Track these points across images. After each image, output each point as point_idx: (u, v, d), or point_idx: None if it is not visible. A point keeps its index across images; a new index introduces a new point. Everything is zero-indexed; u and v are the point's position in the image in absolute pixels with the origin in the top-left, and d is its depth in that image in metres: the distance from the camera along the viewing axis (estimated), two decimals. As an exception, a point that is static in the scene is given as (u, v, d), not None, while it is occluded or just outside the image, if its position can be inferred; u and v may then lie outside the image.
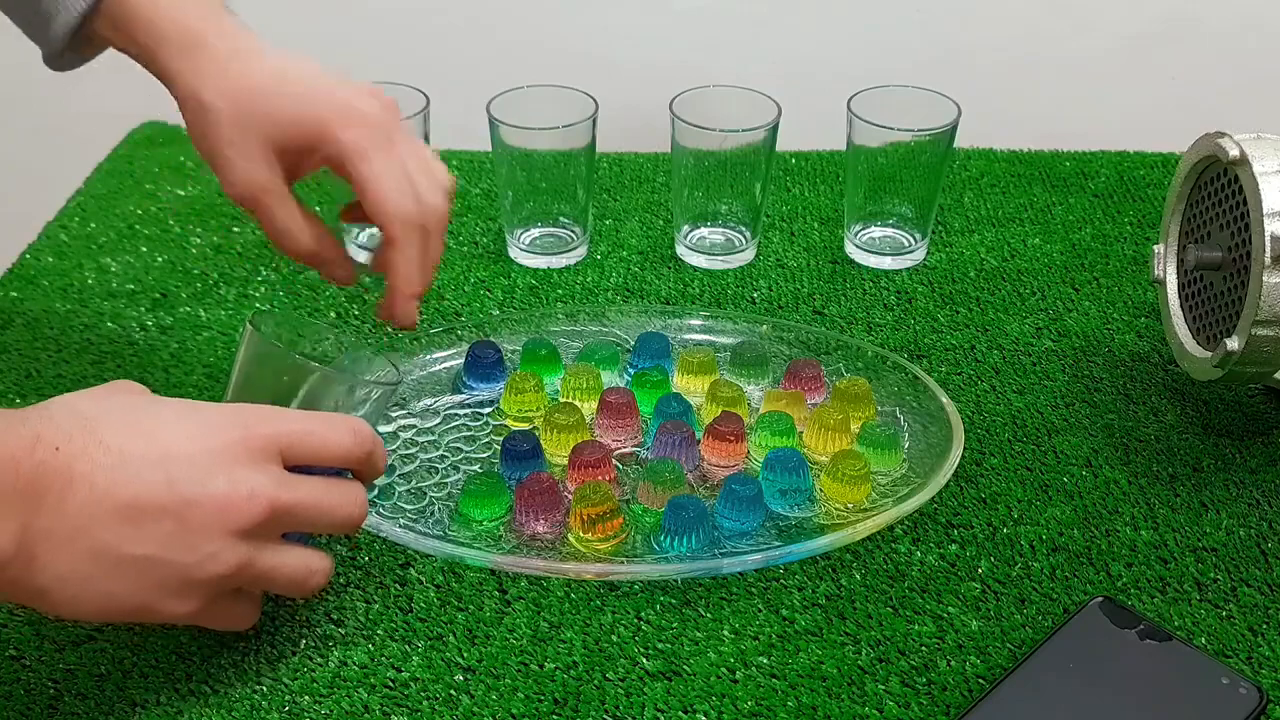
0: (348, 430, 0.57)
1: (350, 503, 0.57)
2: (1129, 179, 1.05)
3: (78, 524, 0.51)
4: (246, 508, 0.53)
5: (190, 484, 0.52)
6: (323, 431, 0.56)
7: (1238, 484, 0.73)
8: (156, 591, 0.53)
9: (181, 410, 0.55)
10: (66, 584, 0.51)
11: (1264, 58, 1.24)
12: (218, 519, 0.52)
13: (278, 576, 0.56)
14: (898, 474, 0.72)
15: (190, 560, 0.52)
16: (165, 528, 0.52)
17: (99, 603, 0.52)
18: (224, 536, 0.53)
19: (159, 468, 0.52)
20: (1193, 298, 0.75)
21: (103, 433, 0.52)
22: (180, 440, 0.53)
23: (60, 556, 0.51)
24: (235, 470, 0.53)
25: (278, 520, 0.54)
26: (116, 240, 0.95)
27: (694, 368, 0.79)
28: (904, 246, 0.93)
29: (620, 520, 0.67)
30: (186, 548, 0.52)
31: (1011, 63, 1.24)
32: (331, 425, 0.57)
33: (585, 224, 0.93)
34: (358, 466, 0.58)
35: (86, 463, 0.51)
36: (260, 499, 0.53)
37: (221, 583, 0.54)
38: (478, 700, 0.59)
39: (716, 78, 0.92)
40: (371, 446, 0.58)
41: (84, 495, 0.51)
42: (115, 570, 0.52)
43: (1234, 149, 0.68)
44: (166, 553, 0.52)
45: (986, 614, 0.64)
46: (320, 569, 0.58)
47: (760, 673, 0.61)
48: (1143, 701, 0.58)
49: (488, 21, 1.24)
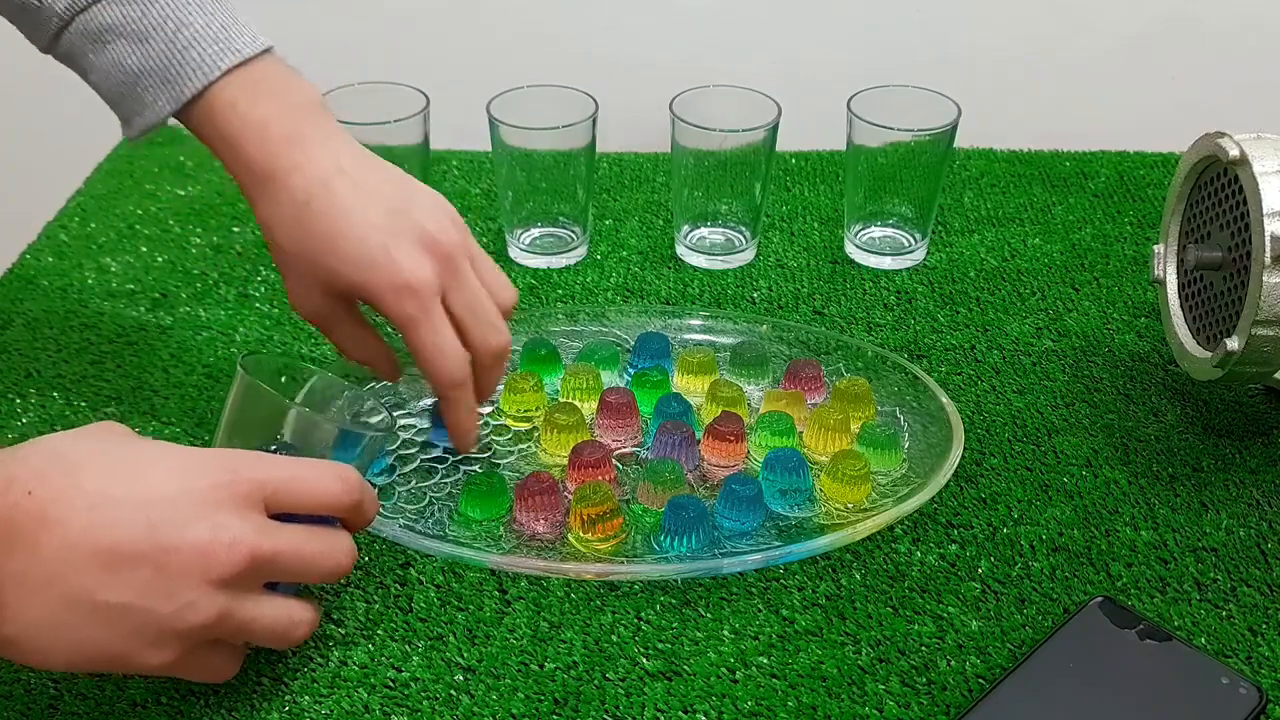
0: (335, 477, 0.56)
1: (336, 550, 0.56)
2: (1129, 179, 1.05)
3: (52, 570, 0.49)
4: (227, 556, 0.51)
5: (171, 529, 0.51)
6: (309, 478, 0.55)
7: (1238, 484, 0.73)
8: (132, 641, 0.51)
9: (165, 452, 0.54)
10: (38, 632, 0.50)
11: (1264, 58, 1.24)
12: (198, 567, 0.51)
13: (258, 628, 0.54)
14: (898, 474, 0.72)
15: (168, 610, 0.51)
16: (143, 575, 0.50)
17: (70, 652, 0.51)
18: (203, 585, 0.51)
19: (139, 512, 0.51)
20: (1193, 298, 0.75)
21: (81, 476, 0.51)
22: (162, 483, 0.52)
23: (32, 603, 0.49)
24: (217, 516, 0.52)
25: (259, 570, 0.53)
26: (116, 240, 0.95)
27: (694, 368, 0.79)
28: (904, 246, 0.93)
29: (620, 520, 0.67)
30: (164, 596, 0.50)
31: (1011, 63, 1.24)
32: (318, 472, 0.56)
33: (585, 224, 0.93)
34: (345, 515, 0.57)
35: (63, 506, 0.50)
36: (241, 547, 0.52)
37: (199, 633, 0.52)
38: (478, 700, 0.59)
39: (716, 78, 0.92)
40: (359, 495, 0.57)
41: (59, 539, 0.49)
42: (89, 618, 0.50)
43: (1234, 149, 0.68)
44: (143, 600, 0.50)
45: (986, 614, 0.64)
46: (304, 620, 0.56)
47: (760, 673, 0.61)
48: (1143, 701, 0.58)
49: (488, 21, 1.24)
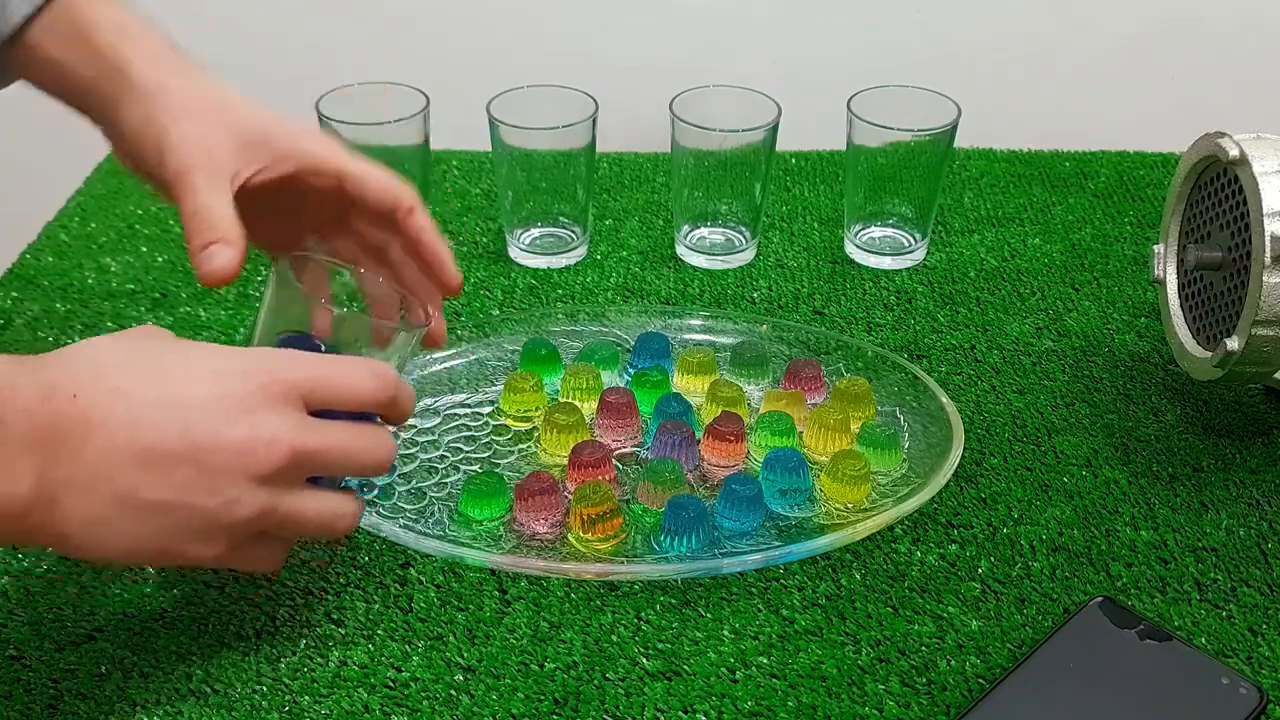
0: (369, 374, 0.57)
1: (377, 445, 0.57)
2: (1129, 179, 1.05)
3: (97, 470, 0.51)
4: (267, 453, 0.53)
5: (207, 430, 0.52)
6: (344, 376, 0.56)
7: (1238, 484, 0.73)
8: (180, 535, 0.53)
9: (203, 355, 0.55)
10: (90, 529, 0.52)
11: (1264, 58, 1.24)
12: (239, 464, 0.53)
13: (304, 521, 0.56)
14: (898, 474, 0.72)
15: (211, 505, 0.52)
16: (185, 473, 0.52)
17: (124, 545, 0.52)
18: (245, 482, 0.53)
19: (175, 414, 0.52)
20: (1193, 298, 0.75)
21: (119, 379, 0.52)
22: (199, 386, 0.53)
23: (82, 503, 0.51)
24: (255, 416, 0.53)
25: (300, 465, 0.54)
26: (116, 240, 0.95)
27: (694, 368, 0.79)
28: (904, 246, 0.93)
29: (620, 520, 0.67)
30: (207, 492, 0.52)
31: (1011, 63, 1.24)
32: (353, 369, 0.57)
33: (585, 224, 0.93)
34: (383, 410, 0.58)
35: (103, 409, 0.51)
36: (281, 444, 0.53)
37: (244, 527, 0.54)
38: (478, 700, 0.59)
39: (716, 78, 0.92)
40: (395, 390, 0.57)
41: (103, 442, 0.51)
42: (137, 515, 0.52)
43: (1234, 149, 0.68)
44: (187, 497, 0.52)
45: (986, 614, 0.64)
46: (347, 512, 0.57)
47: (760, 673, 0.61)
48: (1143, 701, 0.58)
49: (488, 21, 1.24)
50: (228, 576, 0.65)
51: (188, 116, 0.63)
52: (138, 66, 0.64)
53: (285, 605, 0.64)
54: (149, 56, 0.64)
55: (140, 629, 0.62)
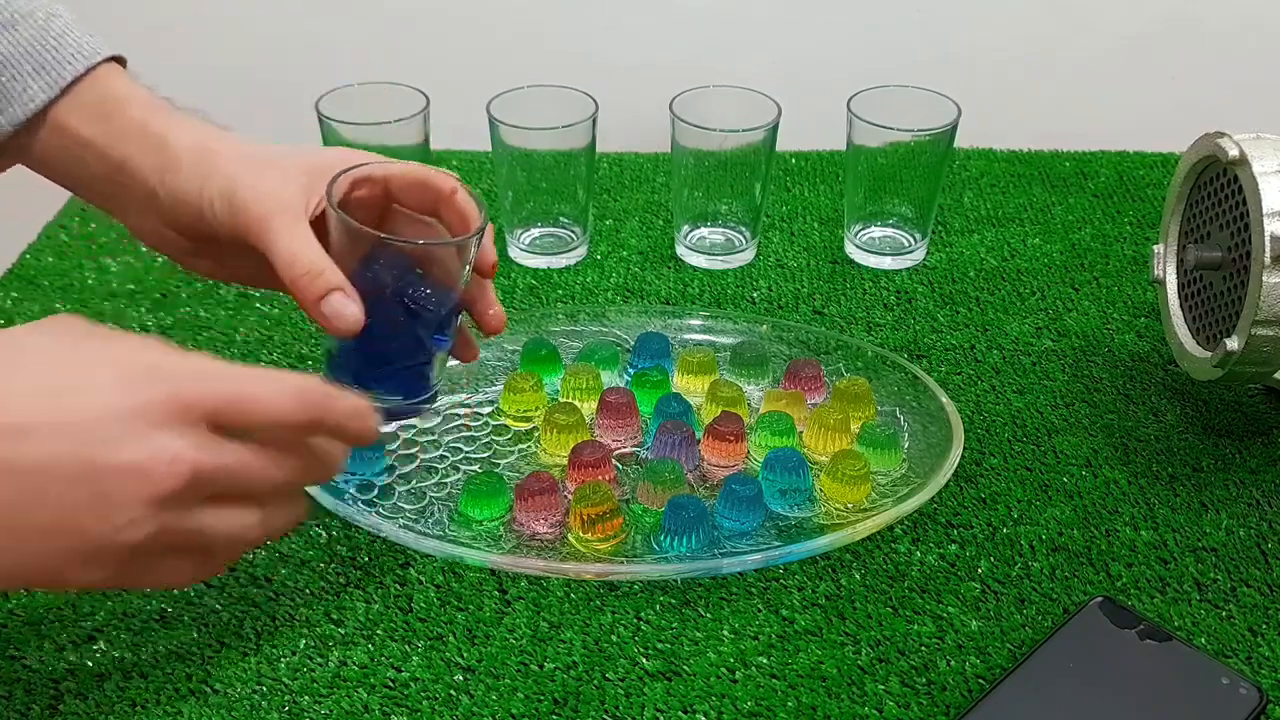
0: (292, 392, 0.52)
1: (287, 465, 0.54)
2: (1129, 179, 1.05)
3: None
4: (168, 472, 0.49)
5: (102, 450, 0.49)
6: (258, 395, 0.52)
7: (1238, 484, 0.73)
8: (66, 559, 0.49)
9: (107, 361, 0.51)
10: None
11: (1264, 58, 1.24)
12: (134, 485, 0.49)
13: (211, 538, 0.52)
14: (898, 474, 0.72)
15: (104, 529, 0.49)
16: (77, 495, 0.49)
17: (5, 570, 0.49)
18: (142, 505, 0.49)
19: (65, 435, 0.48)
20: (1193, 298, 0.75)
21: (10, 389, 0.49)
22: (94, 400, 0.49)
23: None
24: (152, 434, 0.49)
25: (202, 485, 0.50)
26: (116, 240, 0.95)
27: (694, 368, 0.79)
28: (904, 246, 0.93)
29: (620, 520, 0.67)
30: (99, 517, 0.49)
31: (1011, 63, 1.24)
32: (273, 389, 0.52)
33: (585, 224, 0.93)
34: (306, 432, 0.54)
35: None
36: (182, 464, 0.49)
37: (137, 550, 0.50)
38: (478, 700, 0.59)
39: (716, 78, 0.92)
40: (319, 412, 0.53)
41: None
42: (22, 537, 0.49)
43: (1234, 149, 0.68)
44: (77, 521, 0.49)
45: (986, 614, 0.64)
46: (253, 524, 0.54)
47: (760, 673, 0.61)
48: (1143, 701, 0.58)
49: (488, 21, 1.24)
50: (228, 577, 0.65)
51: (247, 170, 0.64)
52: (176, 134, 0.65)
53: (285, 605, 0.64)
54: (184, 126, 0.66)
55: (140, 629, 0.62)
